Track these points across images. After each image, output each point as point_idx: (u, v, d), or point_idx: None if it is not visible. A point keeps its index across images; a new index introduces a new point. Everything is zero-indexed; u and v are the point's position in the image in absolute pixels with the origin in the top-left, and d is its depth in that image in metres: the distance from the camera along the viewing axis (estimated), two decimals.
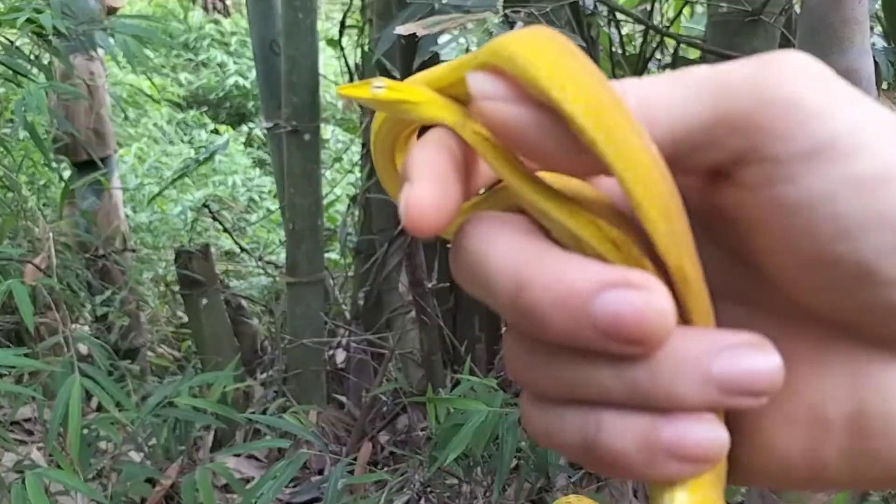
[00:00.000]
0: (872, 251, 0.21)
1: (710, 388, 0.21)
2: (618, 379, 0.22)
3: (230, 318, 2.22)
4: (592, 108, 0.21)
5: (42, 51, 1.76)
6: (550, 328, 0.21)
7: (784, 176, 0.22)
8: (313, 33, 2.02)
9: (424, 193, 0.22)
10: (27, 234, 2.24)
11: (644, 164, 0.21)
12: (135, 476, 1.49)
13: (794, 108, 0.22)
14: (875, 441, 0.23)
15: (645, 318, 0.20)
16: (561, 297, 0.21)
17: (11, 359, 1.29)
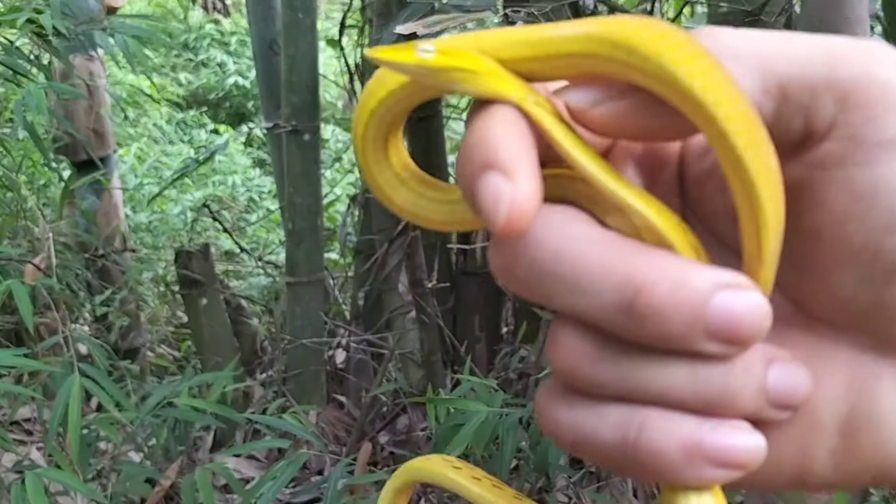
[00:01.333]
0: None
1: (762, 397, 0.22)
2: (690, 380, 0.22)
3: (230, 318, 2.22)
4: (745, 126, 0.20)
5: (42, 51, 1.77)
6: (666, 329, 0.21)
7: (862, 159, 0.22)
8: (313, 33, 2.02)
9: (530, 190, 0.20)
10: (27, 234, 2.25)
11: (776, 183, 0.21)
12: (134, 476, 1.49)
13: (887, 93, 0.22)
14: (861, 440, 0.23)
15: (754, 320, 0.21)
16: (684, 297, 0.21)
17: (11, 359, 1.29)
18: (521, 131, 0.22)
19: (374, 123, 0.24)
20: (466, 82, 0.21)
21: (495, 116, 0.22)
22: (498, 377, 1.84)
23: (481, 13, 1.27)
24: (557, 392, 0.24)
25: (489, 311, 2.13)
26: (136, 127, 4.70)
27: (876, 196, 0.22)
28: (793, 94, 0.22)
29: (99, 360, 1.48)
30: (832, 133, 0.22)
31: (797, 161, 0.24)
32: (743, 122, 0.20)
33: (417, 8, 1.39)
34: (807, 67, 0.22)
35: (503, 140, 0.21)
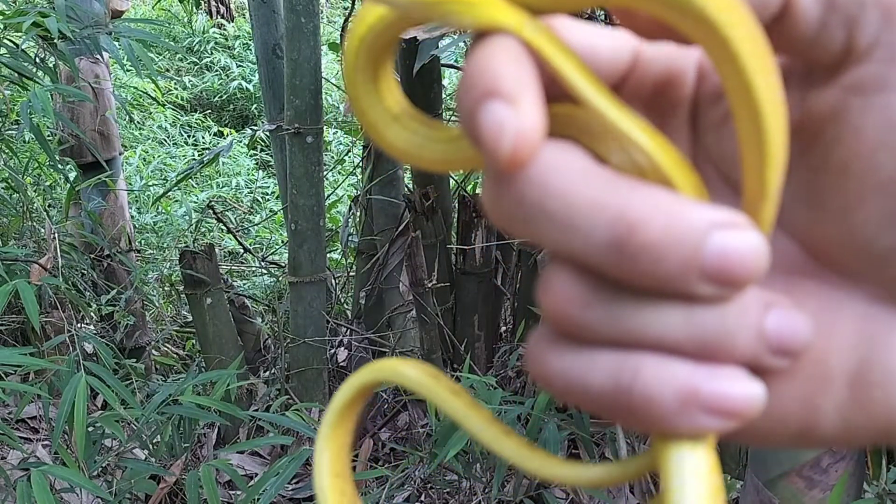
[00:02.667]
0: None
1: (760, 342, 0.21)
2: (685, 323, 0.21)
3: (234, 317, 2.23)
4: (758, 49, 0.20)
5: (47, 54, 1.78)
6: (660, 268, 0.20)
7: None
8: (316, 37, 2.04)
9: (535, 118, 0.19)
10: (33, 235, 2.26)
11: (781, 113, 0.20)
12: (139, 473, 1.50)
13: None
14: (872, 393, 0.23)
15: (751, 260, 0.20)
16: (679, 235, 0.20)
17: (17, 357, 1.31)
18: (522, 59, 0.20)
19: (363, 52, 0.23)
20: (461, 14, 0.20)
21: (495, 46, 0.21)
22: (497, 375, 1.85)
23: None
24: (548, 338, 0.23)
25: (488, 310, 2.14)
26: (142, 129, 4.72)
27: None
28: (841, 3, 0.21)
29: (104, 359, 1.49)
30: (874, 53, 0.21)
31: (834, 84, 0.22)
32: (754, 47, 0.19)
33: None
34: None
35: (504, 68, 0.20)
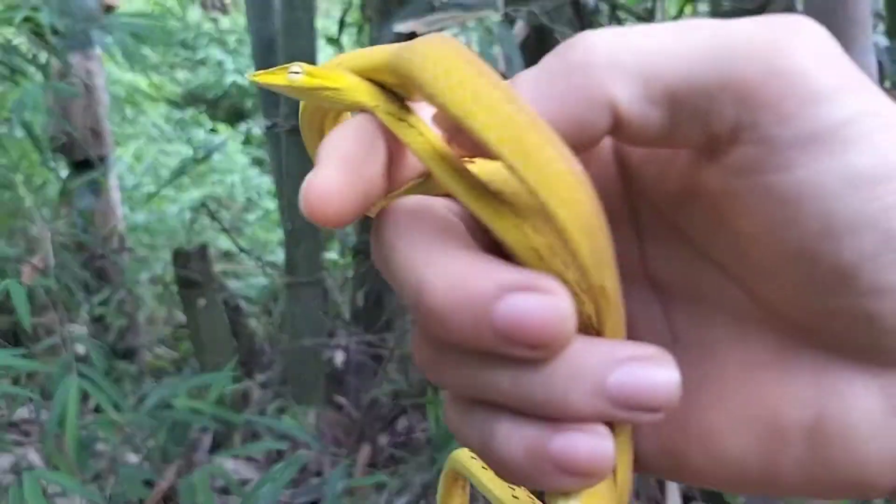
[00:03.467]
0: (856, 254, 0.20)
1: (603, 400, 0.21)
2: (513, 384, 0.21)
3: (228, 318, 2.22)
4: (508, 133, 0.20)
5: (39, 49, 1.76)
6: (450, 331, 0.20)
7: (779, 163, 0.20)
8: (312, 31, 2.02)
9: (328, 179, 0.21)
10: (24, 234, 2.24)
11: (566, 185, 0.20)
12: (132, 478, 1.49)
13: (801, 86, 0.20)
14: (832, 451, 0.22)
15: (545, 323, 0.20)
16: (460, 300, 0.20)
17: (8, 359, 1.29)
18: (362, 133, 0.23)
19: (306, 118, 0.28)
20: (331, 98, 0.24)
21: (346, 122, 0.24)
22: None
23: (482, 11, 1.26)
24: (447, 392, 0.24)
25: None
26: (134, 126, 4.70)
27: (801, 201, 0.20)
28: (684, 99, 0.21)
29: (97, 361, 1.48)
30: (741, 137, 0.21)
31: (715, 168, 0.22)
32: (506, 131, 0.20)
33: (417, 6, 1.38)
34: (696, 68, 0.21)
35: (330, 140, 0.23)
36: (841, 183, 0.20)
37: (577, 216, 0.20)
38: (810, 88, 0.20)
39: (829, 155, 0.20)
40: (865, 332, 0.21)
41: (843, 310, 0.21)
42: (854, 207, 0.20)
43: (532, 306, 0.20)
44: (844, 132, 0.20)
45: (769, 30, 0.21)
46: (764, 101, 0.20)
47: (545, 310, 0.20)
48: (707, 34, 0.21)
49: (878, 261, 0.20)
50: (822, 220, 0.20)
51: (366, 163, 0.22)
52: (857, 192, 0.20)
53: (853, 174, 0.20)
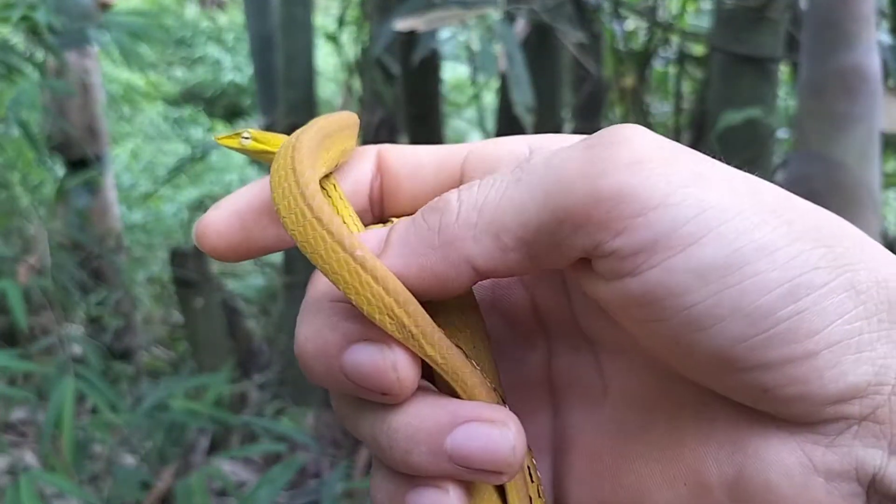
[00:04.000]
0: (728, 340, 0.21)
1: (443, 460, 0.23)
2: (372, 436, 0.25)
3: (226, 319, 2.21)
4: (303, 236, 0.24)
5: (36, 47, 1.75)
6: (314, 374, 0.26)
7: (628, 269, 0.22)
8: (310, 28, 2.01)
9: (209, 216, 0.27)
10: (20, 234, 2.23)
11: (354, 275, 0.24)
12: (129, 480, 1.48)
13: (626, 201, 0.21)
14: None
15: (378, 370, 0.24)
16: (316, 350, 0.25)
17: (5, 360, 1.29)
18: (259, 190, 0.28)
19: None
20: (269, 158, 0.30)
21: (259, 180, 0.29)
22: None
23: (482, 9, 1.25)
24: None
25: None
26: (131, 124, 4.69)
27: (659, 300, 0.22)
28: (533, 240, 0.23)
29: (93, 362, 1.47)
30: (593, 254, 0.22)
31: (590, 276, 0.24)
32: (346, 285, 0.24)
33: (417, 3, 1.37)
34: (534, 213, 0.22)
35: (238, 191, 0.29)
36: (692, 277, 0.21)
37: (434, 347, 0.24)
38: (636, 201, 0.21)
39: (676, 254, 0.21)
40: (765, 401, 0.22)
41: (736, 386, 0.22)
42: (714, 298, 0.21)
43: (366, 355, 0.24)
44: (687, 229, 0.21)
45: (589, 153, 0.22)
46: (596, 225, 0.22)
47: (377, 358, 0.24)
48: (540, 173, 0.23)
49: (748, 343, 0.21)
50: (685, 314, 0.22)
51: (250, 215, 0.28)
52: (713, 283, 0.21)
53: (701, 268, 0.21)
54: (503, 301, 0.29)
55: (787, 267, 0.21)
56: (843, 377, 0.21)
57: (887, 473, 0.22)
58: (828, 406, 0.22)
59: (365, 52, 2.24)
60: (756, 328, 0.21)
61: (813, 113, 1.17)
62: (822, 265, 0.21)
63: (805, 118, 1.18)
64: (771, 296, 0.21)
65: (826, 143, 1.15)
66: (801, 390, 0.22)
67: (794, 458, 0.22)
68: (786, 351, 0.21)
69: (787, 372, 0.21)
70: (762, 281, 0.21)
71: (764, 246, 0.21)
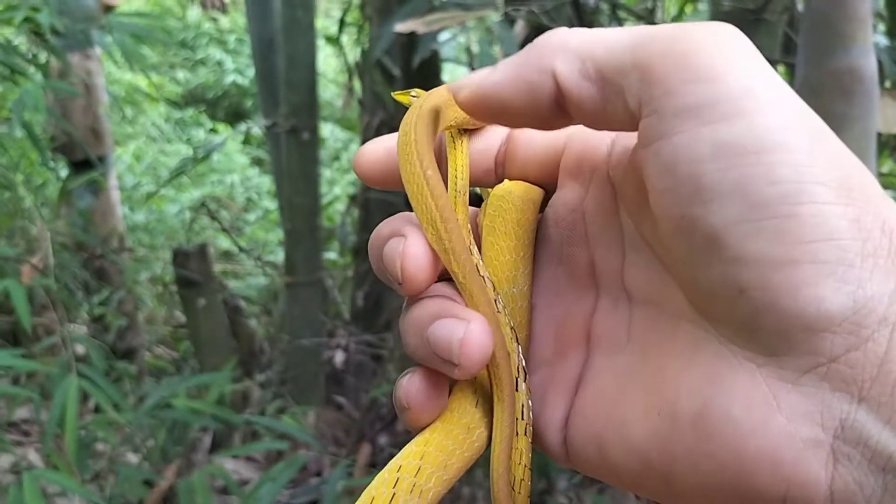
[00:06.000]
0: (720, 219, 0.22)
1: (426, 346, 0.28)
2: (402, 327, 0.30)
3: (228, 318, 2.21)
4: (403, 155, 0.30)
5: (39, 49, 1.76)
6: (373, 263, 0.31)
7: (661, 131, 0.23)
8: (312, 31, 2.01)
9: (367, 149, 0.32)
10: (24, 234, 2.24)
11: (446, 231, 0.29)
12: (132, 478, 1.48)
13: (684, 66, 0.23)
14: (715, 442, 0.23)
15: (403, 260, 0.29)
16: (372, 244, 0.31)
17: (8, 359, 1.29)
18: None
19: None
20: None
21: None
22: None
23: (482, 11, 1.26)
24: None
25: None
26: (134, 126, 4.69)
27: (677, 165, 0.23)
28: (609, 76, 0.25)
29: (96, 361, 1.48)
30: (643, 110, 0.24)
31: (637, 149, 0.26)
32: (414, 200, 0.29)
33: (417, 6, 1.38)
34: (616, 50, 0.25)
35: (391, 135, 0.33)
36: (710, 150, 0.22)
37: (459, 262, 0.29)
38: (693, 68, 0.23)
39: (706, 125, 0.23)
40: (741, 306, 0.23)
41: (718, 281, 0.23)
42: (722, 174, 0.22)
43: (391, 245, 0.29)
44: (725, 107, 0.22)
45: (686, 27, 0.24)
46: (657, 79, 0.23)
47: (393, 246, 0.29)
48: (641, 31, 0.25)
49: (740, 228, 0.22)
50: (693, 183, 0.23)
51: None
52: (726, 160, 0.22)
53: (722, 143, 0.22)
54: (570, 258, 0.32)
55: (799, 170, 0.22)
56: (818, 301, 0.21)
57: (856, 421, 0.22)
58: (798, 332, 0.22)
59: (365, 54, 2.24)
60: (749, 214, 0.22)
61: None
62: (832, 185, 0.22)
63: None
64: (772, 188, 0.22)
65: None
66: (774, 299, 0.22)
67: (758, 392, 0.23)
68: (770, 249, 0.22)
69: (765, 274, 0.22)
70: (770, 171, 0.22)
71: (785, 144, 0.22)
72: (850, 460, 0.22)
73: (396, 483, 0.27)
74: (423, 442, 0.28)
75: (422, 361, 0.28)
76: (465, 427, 0.29)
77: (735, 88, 0.22)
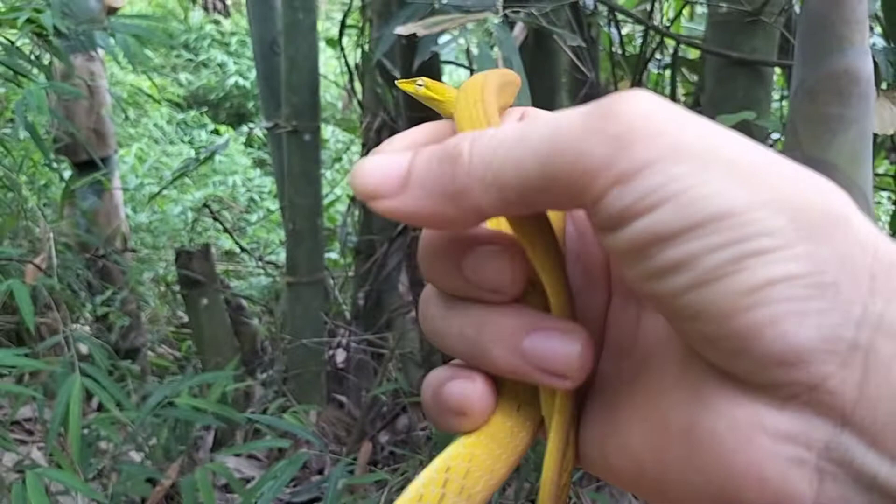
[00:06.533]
0: (675, 289, 0.23)
1: (519, 358, 0.26)
2: (459, 330, 0.28)
3: (230, 318, 2.22)
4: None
5: (42, 51, 1.76)
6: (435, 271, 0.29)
7: (611, 226, 0.23)
8: (313, 33, 2.02)
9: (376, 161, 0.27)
10: (27, 235, 2.24)
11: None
12: (135, 476, 1.49)
13: (603, 172, 0.23)
14: (703, 457, 0.24)
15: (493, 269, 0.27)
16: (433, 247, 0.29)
17: (12, 359, 1.29)
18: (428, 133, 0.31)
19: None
20: (437, 106, 0.35)
21: (421, 125, 0.31)
22: None
23: (481, 14, 1.27)
24: None
25: None
26: (137, 127, 4.70)
27: (628, 251, 0.23)
28: (532, 198, 0.25)
29: (99, 360, 1.48)
30: (592, 210, 0.24)
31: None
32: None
33: (417, 8, 1.39)
34: (529, 171, 0.24)
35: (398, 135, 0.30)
36: (652, 237, 0.23)
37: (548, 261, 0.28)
38: (610, 173, 0.23)
39: (640, 218, 0.23)
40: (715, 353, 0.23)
41: (692, 335, 0.24)
42: (665, 255, 0.23)
43: (485, 255, 0.27)
44: (650, 199, 0.22)
45: (584, 120, 0.23)
46: (580, 190, 0.23)
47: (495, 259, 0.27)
48: (539, 134, 0.24)
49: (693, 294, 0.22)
50: (643, 268, 0.23)
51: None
52: (665, 242, 0.22)
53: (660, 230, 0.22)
54: (586, 255, 0.32)
55: (738, 232, 0.22)
56: (784, 337, 0.22)
57: (840, 444, 0.22)
58: (773, 368, 0.22)
59: (366, 56, 2.25)
60: (697, 280, 0.22)
61: (806, 115, 1.17)
62: (778, 233, 0.22)
63: (798, 121, 1.19)
64: (715, 256, 0.22)
65: (819, 145, 1.15)
66: (743, 345, 0.22)
67: (743, 413, 0.23)
68: (725, 304, 0.22)
69: (727, 325, 0.22)
70: (708, 243, 0.22)
71: (718, 213, 0.22)
72: (835, 479, 0.22)
73: (445, 483, 0.26)
74: (472, 444, 0.27)
75: (499, 371, 0.27)
76: (510, 431, 0.28)
77: (654, 175, 0.22)
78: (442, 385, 0.28)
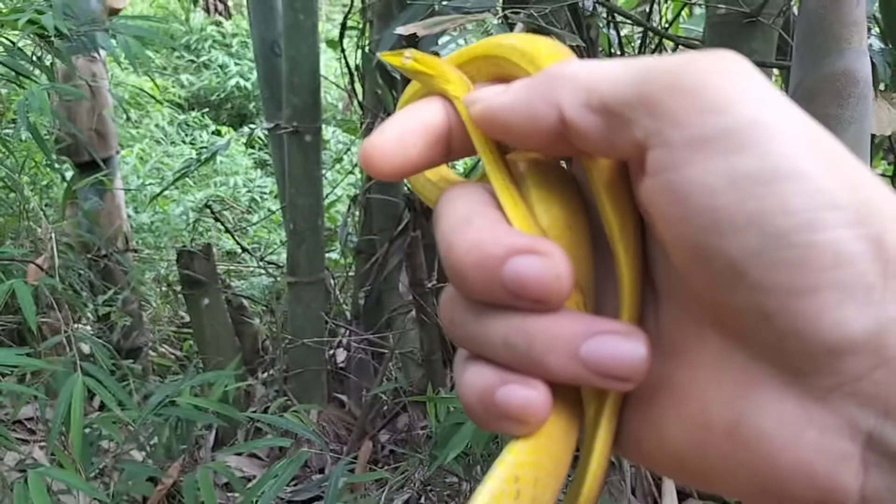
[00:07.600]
0: (739, 250, 0.22)
1: (577, 364, 0.25)
2: (506, 340, 0.25)
3: (231, 317, 2.22)
4: None
5: (44, 52, 1.77)
6: (469, 284, 0.25)
7: (672, 162, 0.23)
8: (314, 34, 2.03)
9: (377, 139, 0.27)
10: (29, 235, 2.25)
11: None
12: (136, 475, 1.49)
13: (694, 97, 0.23)
14: (750, 454, 0.24)
15: (540, 280, 0.24)
16: (477, 259, 0.25)
17: (14, 358, 1.30)
18: (425, 113, 0.29)
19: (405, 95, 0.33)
20: (426, 82, 0.30)
21: (420, 104, 0.30)
22: None
23: (481, 15, 1.27)
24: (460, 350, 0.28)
25: None
26: (139, 128, 4.71)
27: (689, 197, 0.23)
28: (613, 109, 0.24)
29: (101, 360, 1.48)
30: (650, 141, 0.24)
31: (643, 177, 0.25)
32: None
33: (418, 9, 1.40)
34: (621, 84, 0.24)
35: (400, 115, 0.29)
36: (724, 181, 0.22)
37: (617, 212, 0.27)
38: (703, 99, 0.23)
39: (719, 156, 0.22)
40: (766, 330, 0.23)
41: (742, 306, 0.23)
42: (736, 205, 0.22)
43: (533, 266, 0.24)
44: (735, 137, 0.22)
45: (687, 57, 0.24)
46: (666, 110, 0.23)
47: (541, 269, 0.24)
48: (646, 63, 0.25)
49: (759, 259, 0.22)
50: (707, 215, 0.23)
51: (415, 136, 0.28)
52: (740, 191, 0.22)
53: (739, 175, 0.22)
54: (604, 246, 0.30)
55: (813, 198, 0.22)
56: (841, 325, 0.21)
57: (883, 434, 0.22)
58: (823, 355, 0.22)
59: (366, 57, 2.25)
60: (767, 245, 0.22)
61: None
62: (848, 210, 0.22)
63: None
64: (788, 219, 0.22)
65: None
66: (798, 325, 0.22)
67: (790, 408, 0.23)
68: (790, 278, 0.22)
69: (788, 301, 0.22)
70: (784, 202, 0.22)
71: (798, 172, 0.22)
72: (879, 468, 0.22)
73: (518, 495, 0.25)
74: (534, 450, 0.26)
75: (554, 378, 0.25)
76: (565, 431, 0.27)
77: (745, 118, 0.22)
78: (494, 390, 0.26)
